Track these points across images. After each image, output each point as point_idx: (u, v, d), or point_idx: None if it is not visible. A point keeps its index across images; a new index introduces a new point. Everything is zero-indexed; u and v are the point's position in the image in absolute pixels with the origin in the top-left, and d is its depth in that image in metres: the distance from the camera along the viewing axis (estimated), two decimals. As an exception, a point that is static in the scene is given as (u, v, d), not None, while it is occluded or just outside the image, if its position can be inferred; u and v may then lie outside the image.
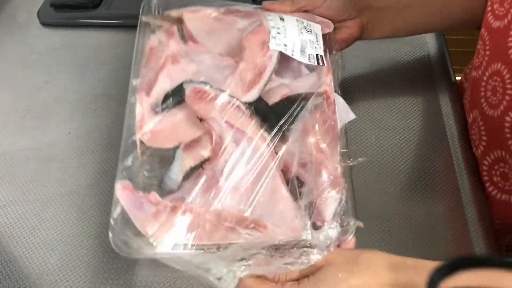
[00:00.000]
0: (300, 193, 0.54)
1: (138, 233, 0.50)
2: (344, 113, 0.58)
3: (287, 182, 0.54)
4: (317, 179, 0.53)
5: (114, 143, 0.69)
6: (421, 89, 0.75)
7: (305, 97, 0.56)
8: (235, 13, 0.65)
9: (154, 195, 0.52)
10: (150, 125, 0.55)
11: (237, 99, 0.55)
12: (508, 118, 0.55)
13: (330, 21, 0.64)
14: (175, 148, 0.55)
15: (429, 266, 0.42)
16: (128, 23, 0.86)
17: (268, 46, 0.58)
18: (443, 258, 0.39)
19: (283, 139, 0.55)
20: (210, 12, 0.64)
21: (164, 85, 0.58)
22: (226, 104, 0.54)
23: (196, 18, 0.63)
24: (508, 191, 0.59)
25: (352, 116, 0.59)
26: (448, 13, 0.68)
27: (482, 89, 0.60)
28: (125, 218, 0.50)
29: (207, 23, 0.63)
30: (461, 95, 0.73)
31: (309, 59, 0.59)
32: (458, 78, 0.78)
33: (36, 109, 0.74)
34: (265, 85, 0.57)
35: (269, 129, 0.55)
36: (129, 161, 0.54)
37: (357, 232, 0.58)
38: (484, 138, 0.61)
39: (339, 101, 0.58)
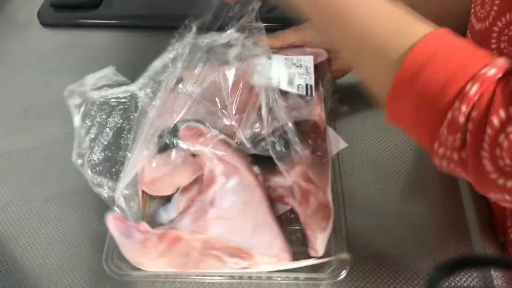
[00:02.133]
0: (290, 223, 0.57)
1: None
2: (335, 142, 0.60)
3: (277, 212, 0.57)
4: (305, 209, 0.53)
5: (114, 143, 0.69)
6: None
7: (294, 128, 0.59)
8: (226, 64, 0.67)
9: (143, 225, 0.54)
10: (150, 174, 0.59)
11: (228, 135, 0.58)
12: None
13: (323, 50, 0.67)
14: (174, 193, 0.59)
15: None
16: (128, 23, 0.87)
17: (253, 86, 0.61)
18: (443, 258, 0.39)
19: (272, 171, 0.58)
20: (204, 68, 0.66)
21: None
22: (217, 141, 0.58)
23: (193, 75, 0.65)
24: None
25: (343, 145, 0.60)
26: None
27: None
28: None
29: (202, 77, 0.65)
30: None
31: (297, 89, 0.61)
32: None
33: (36, 109, 0.74)
34: (253, 122, 0.60)
35: (259, 162, 0.58)
36: (127, 192, 0.57)
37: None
38: None
39: (330, 131, 0.59)
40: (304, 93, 0.62)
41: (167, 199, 0.60)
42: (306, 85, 0.61)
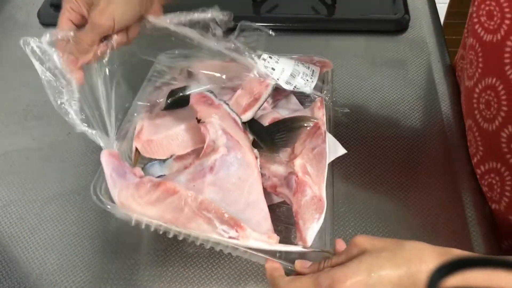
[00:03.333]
0: (277, 218, 0.56)
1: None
2: (333, 148, 0.60)
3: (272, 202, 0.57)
4: (300, 198, 0.53)
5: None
6: (421, 90, 0.75)
7: (296, 122, 0.59)
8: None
9: (138, 170, 0.53)
10: (147, 134, 0.58)
11: (236, 113, 0.58)
12: (504, 134, 0.55)
13: (329, 61, 0.68)
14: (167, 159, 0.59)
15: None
16: (128, 23, 0.86)
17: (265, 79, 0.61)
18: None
19: (272, 158, 0.58)
20: (215, 62, 0.66)
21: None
22: (225, 114, 0.57)
23: (202, 66, 0.65)
24: (494, 201, 0.60)
25: (342, 151, 0.61)
26: None
27: (475, 100, 0.60)
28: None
29: (212, 67, 0.65)
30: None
31: (294, 88, 0.61)
32: (458, 78, 0.78)
33: (36, 109, 0.75)
34: (259, 108, 0.61)
35: (261, 145, 0.58)
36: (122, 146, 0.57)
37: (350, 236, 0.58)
38: (481, 148, 0.61)
39: (329, 136, 0.60)
40: (300, 91, 0.62)
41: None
42: (305, 85, 0.62)
